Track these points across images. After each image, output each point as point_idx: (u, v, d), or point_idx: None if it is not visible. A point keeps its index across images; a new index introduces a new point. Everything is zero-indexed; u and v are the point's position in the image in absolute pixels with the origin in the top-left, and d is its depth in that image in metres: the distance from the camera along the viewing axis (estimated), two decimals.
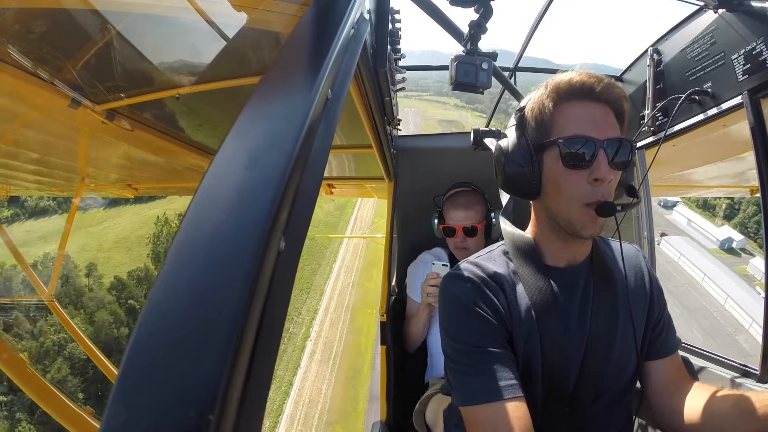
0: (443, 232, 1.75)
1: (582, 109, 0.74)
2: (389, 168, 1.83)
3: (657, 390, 0.86)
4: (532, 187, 0.78)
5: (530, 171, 0.78)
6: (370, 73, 0.88)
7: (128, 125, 1.52)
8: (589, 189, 0.73)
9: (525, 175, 0.78)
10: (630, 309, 0.82)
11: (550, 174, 0.77)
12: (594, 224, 0.74)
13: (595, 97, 0.73)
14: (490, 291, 0.79)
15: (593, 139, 0.72)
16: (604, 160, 0.72)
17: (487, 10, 0.99)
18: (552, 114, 0.76)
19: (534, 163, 0.77)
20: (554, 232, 0.81)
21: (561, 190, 0.75)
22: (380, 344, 1.79)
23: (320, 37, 0.49)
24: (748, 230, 32.03)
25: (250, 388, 0.25)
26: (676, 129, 1.33)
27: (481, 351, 0.75)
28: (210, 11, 0.97)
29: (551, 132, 0.76)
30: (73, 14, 0.99)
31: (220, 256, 0.27)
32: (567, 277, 0.82)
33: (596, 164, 0.72)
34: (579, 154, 0.72)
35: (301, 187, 0.33)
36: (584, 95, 0.74)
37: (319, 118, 0.39)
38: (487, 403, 0.72)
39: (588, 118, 0.73)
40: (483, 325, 0.76)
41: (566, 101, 0.75)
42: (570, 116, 0.74)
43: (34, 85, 1.15)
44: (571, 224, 0.75)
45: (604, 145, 0.72)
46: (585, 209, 0.73)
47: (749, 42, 1.02)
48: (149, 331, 0.24)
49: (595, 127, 0.73)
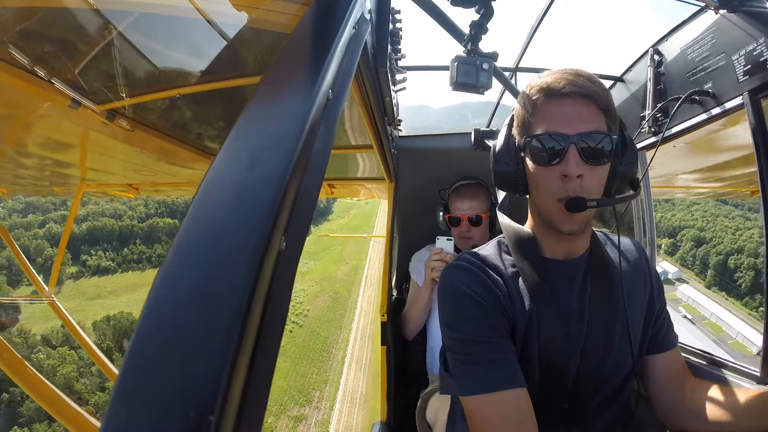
0: (448, 221, 1.76)
1: (555, 107, 0.75)
2: (390, 168, 1.83)
3: (657, 384, 0.87)
4: (519, 184, 0.81)
5: (515, 169, 0.80)
6: (371, 73, 0.88)
7: (129, 125, 1.52)
8: (559, 185, 0.74)
9: (511, 173, 0.81)
10: (630, 302, 0.83)
11: (529, 172, 0.79)
12: (570, 220, 0.75)
13: (568, 93, 0.73)
14: (491, 282, 0.80)
15: (563, 134, 0.72)
16: (574, 155, 0.72)
17: (488, 10, 0.99)
18: (531, 114, 0.78)
19: (518, 162, 0.80)
20: (546, 227, 0.82)
21: (537, 187, 0.78)
22: (381, 344, 1.79)
23: (321, 37, 0.49)
24: (686, 262, 40.03)
25: (250, 389, 0.25)
26: (676, 129, 1.33)
27: (483, 341, 0.75)
28: (211, 11, 0.97)
29: (529, 131, 0.78)
30: (74, 14, 0.99)
31: (220, 256, 0.27)
32: (565, 269, 0.83)
33: (565, 160, 0.73)
34: (546, 151, 0.73)
35: (301, 187, 0.33)
36: (557, 92, 0.74)
37: (320, 119, 0.39)
38: (489, 393, 0.72)
39: (560, 114, 0.74)
40: (484, 315, 0.77)
41: (543, 100, 0.76)
42: (544, 114, 0.76)
43: (35, 85, 1.15)
44: (550, 220, 0.77)
45: (575, 140, 0.72)
46: (557, 205, 0.74)
47: (750, 42, 1.02)
48: (149, 331, 0.24)
49: (566, 122, 0.73)
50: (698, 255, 40.65)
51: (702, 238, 41.89)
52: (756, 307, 31.84)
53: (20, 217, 40.02)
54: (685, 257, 41.71)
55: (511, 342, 0.78)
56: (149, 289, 0.26)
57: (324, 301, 36.31)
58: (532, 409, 0.73)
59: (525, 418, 0.71)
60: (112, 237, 42.03)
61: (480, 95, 1.12)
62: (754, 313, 31.61)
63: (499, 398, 0.72)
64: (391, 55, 1.05)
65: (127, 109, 1.46)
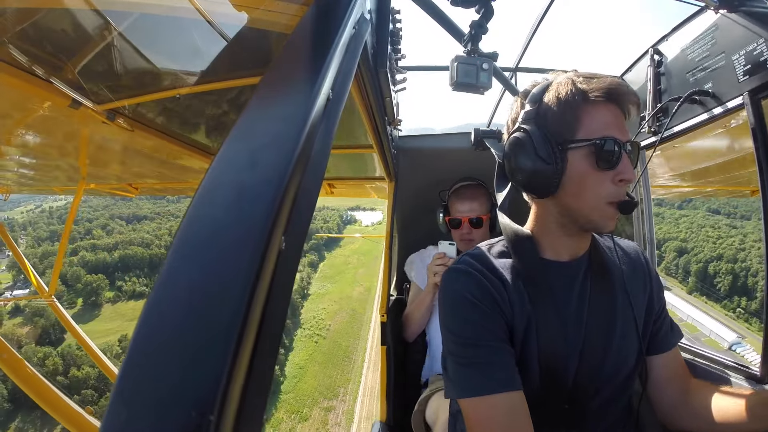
0: (449, 224, 1.75)
1: (609, 112, 0.76)
2: (390, 168, 1.82)
3: (658, 384, 0.87)
4: (553, 184, 0.77)
5: (554, 168, 0.76)
6: (371, 73, 0.88)
7: (129, 125, 1.52)
8: (613, 189, 0.75)
9: (547, 172, 0.76)
10: (630, 302, 0.83)
11: (574, 172, 0.75)
12: (614, 220, 0.77)
13: (621, 101, 0.76)
14: (490, 284, 0.79)
15: (619, 141, 0.74)
16: (628, 161, 0.75)
17: (488, 10, 0.99)
18: (579, 112, 0.75)
19: (558, 161, 0.75)
20: (563, 228, 0.82)
21: (586, 189, 0.75)
22: (380, 344, 1.79)
23: (321, 37, 0.49)
24: (670, 271, 43.48)
25: (250, 388, 0.25)
26: (676, 129, 1.33)
27: (481, 344, 0.76)
28: (210, 11, 0.97)
29: (577, 130, 0.75)
30: (74, 14, 0.99)
31: (220, 255, 0.27)
32: (566, 270, 0.83)
33: (622, 165, 0.74)
34: (610, 155, 0.73)
35: (301, 187, 0.33)
36: (612, 98, 0.75)
37: (320, 119, 0.39)
38: (486, 395, 0.73)
39: (614, 121, 0.75)
40: (483, 319, 0.77)
41: (596, 101, 0.75)
42: (599, 117, 0.75)
43: (35, 85, 1.15)
44: (592, 221, 0.77)
45: (626, 148, 0.75)
46: (608, 207, 0.75)
47: (750, 42, 1.02)
48: (149, 331, 0.24)
49: (619, 130, 0.75)
50: (680, 264, 43.60)
51: (684, 248, 45.20)
52: (733, 309, 34.58)
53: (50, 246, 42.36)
54: (669, 266, 44.59)
55: (509, 345, 0.78)
56: (150, 290, 0.26)
57: (343, 317, 40.85)
58: (528, 412, 0.73)
59: (519, 421, 0.72)
60: (143, 264, 44.25)
61: (481, 98, 1.12)
62: (731, 314, 34.08)
63: (493, 401, 0.72)
64: (391, 55, 1.05)
65: (127, 109, 1.46)
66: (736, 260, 36.27)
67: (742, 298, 34.14)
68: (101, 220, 50.33)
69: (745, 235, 39.31)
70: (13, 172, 2.61)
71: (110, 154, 2.28)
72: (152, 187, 3.52)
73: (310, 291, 45.15)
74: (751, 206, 38.10)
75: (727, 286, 37.04)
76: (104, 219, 50.73)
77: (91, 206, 51.87)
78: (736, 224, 42.55)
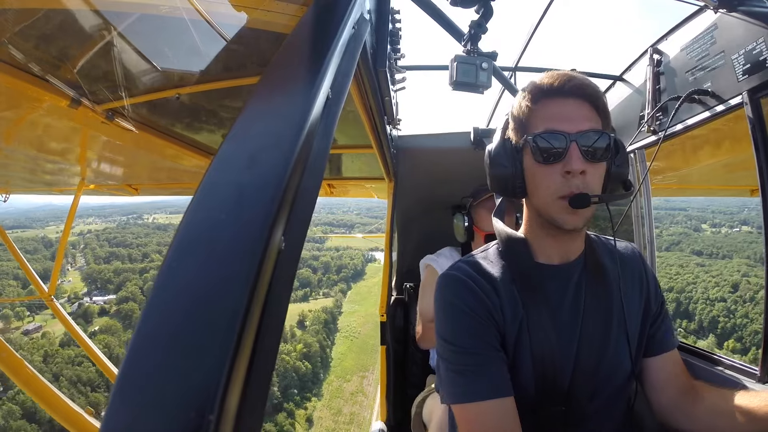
0: (484, 239, 1.59)
1: (554, 106, 0.76)
2: (389, 168, 1.82)
3: (656, 386, 0.86)
4: (517, 186, 0.81)
5: (512, 171, 0.80)
6: (371, 73, 0.88)
7: (128, 125, 1.51)
8: (562, 182, 0.74)
9: (508, 175, 0.81)
10: (623, 306, 0.82)
11: (528, 172, 0.79)
12: (573, 216, 0.75)
13: (567, 93, 0.75)
14: (482, 292, 0.80)
15: (564, 132, 0.73)
16: (576, 152, 0.73)
17: (487, 10, 0.99)
18: (528, 115, 0.78)
19: (516, 163, 0.80)
20: (544, 229, 0.82)
21: (538, 186, 0.78)
22: (380, 344, 1.79)
23: (320, 36, 0.49)
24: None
25: (250, 388, 0.25)
26: (676, 129, 1.33)
27: (472, 352, 0.76)
28: (210, 11, 0.97)
29: (528, 131, 0.78)
30: (74, 14, 0.99)
31: (220, 255, 0.27)
32: (559, 273, 0.83)
33: (568, 157, 0.73)
34: (549, 148, 0.74)
35: (301, 187, 0.33)
36: (555, 93, 0.75)
37: (319, 118, 0.39)
38: (476, 402, 0.74)
39: (559, 114, 0.75)
40: (474, 327, 0.78)
41: (540, 100, 0.77)
42: (542, 113, 0.76)
43: (35, 84, 1.15)
44: (552, 218, 0.77)
45: (576, 138, 0.73)
46: (560, 202, 0.75)
47: (749, 42, 1.02)
48: (149, 331, 0.24)
49: (567, 121, 0.74)
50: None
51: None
52: (675, 329, 37.58)
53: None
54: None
55: (501, 351, 0.78)
56: (150, 290, 0.26)
57: (369, 326, 47.48)
58: (518, 418, 0.73)
59: (510, 426, 0.72)
60: None
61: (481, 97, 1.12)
62: (681, 330, 35.23)
63: (483, 407, 0.73)
64: (391, 55, 1.05)
65: (127, 109, 1.46)
66: (682, 291, 36.91)
67: (683, 321, 34.66)
68: (151, 246, 50.86)
69: (708, 272, 39.09)
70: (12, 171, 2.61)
71: (110, 154, 2.28)
72: (152, 186, 3.52)
73: (343, 309, 50.71)
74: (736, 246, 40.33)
75: (671, 312, 37.82)
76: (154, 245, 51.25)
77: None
78: (704, 262, 42.83)
